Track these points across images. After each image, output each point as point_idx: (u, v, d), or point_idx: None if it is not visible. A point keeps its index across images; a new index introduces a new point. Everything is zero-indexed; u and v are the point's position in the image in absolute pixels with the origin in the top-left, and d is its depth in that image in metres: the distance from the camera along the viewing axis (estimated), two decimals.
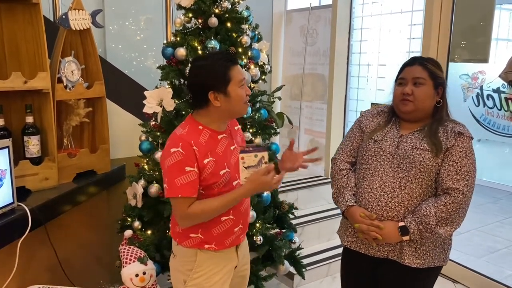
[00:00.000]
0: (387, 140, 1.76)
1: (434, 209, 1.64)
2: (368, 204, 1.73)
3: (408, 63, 1.79)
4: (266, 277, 2.61)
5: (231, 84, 1.60)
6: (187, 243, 1.71)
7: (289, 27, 4.88)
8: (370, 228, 1.70)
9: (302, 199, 3.84)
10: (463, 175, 1.65)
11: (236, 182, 1.70)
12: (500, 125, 4.36)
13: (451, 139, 1.68)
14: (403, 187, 1.69)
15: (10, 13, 2.20)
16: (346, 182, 1.84)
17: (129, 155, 2.87)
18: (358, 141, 1.88)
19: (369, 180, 1.75)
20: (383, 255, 1.76)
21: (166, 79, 2.46)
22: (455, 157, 1.66)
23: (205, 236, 1.68)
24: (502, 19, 4.45)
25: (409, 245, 1.70)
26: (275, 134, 2.67)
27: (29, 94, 2.26)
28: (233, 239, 1.73)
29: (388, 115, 1.85)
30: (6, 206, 1.93)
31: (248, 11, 2.53)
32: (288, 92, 4.87)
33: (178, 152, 1.56)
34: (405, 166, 1.69)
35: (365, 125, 1.87)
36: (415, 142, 1.71)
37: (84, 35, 2.52)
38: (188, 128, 1.64)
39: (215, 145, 1.65)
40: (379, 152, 1.75)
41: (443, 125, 1.73)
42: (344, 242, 1.88)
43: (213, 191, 1.64)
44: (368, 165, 1.77)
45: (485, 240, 4.12)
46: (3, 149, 1.92)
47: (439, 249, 1.75)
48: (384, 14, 3.95)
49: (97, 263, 2.71)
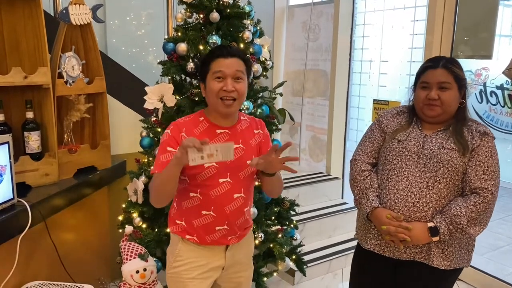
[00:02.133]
0: (411, 140, 1.73)
1: (464, 208, 1.62)
2: (395, 205, 1.70)
3: (431, 66, 1.72)
4: (267, 274, 2.60)
5: (208, 74, 1.61)
6: (173, 228, 1.76)
7: (291, 22, 4.86)
8: (398, 230, 1.66)
9: (303, 195, 3.84)
10: (490, 175, 1.65)
11: (224, 180, 1.65)
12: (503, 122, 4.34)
13: (477, 139, 1.67)
14: (431, 187, 1.66)
15: (10, 8, 2.19)
16: (369, 183, 1.80)
17: (129, 151, 2.86)
18: (379, 141, 1.84)
19: (395, 181, 1.72)
20: (409, 257, 1.73)
21: (167, 74, 2.44)
22: (482, 157, 1.66)
23: (187, 225, 1.71)
24: (506, 16, 4.42)
25: (437, 246, 1.68)
26: (276, 131, 2.65)
27: (29, 90, 2.25)
28: (216, 237, 1.70)
29: (409, 115, 1.81)
30: (6, 202, 1.92)
31: (249, 6, 2.51)
32: (289, 88, 4.85)
33: (167, 133, 1.65)
34: (432, 165, 1.67)
35: (386, 125, 1.83)
36: (441, 142, 1.69)
37: (85, 30, 2.51)
38: (191, 117, 1.70)
39: (209, 138, 1.59)
40: (404, 152, 1.72)
41: (466, 125, 1.71)
42: (367, 245, 1.82)
43: (196, 181, 1.64)
44: (392, 165, 1.74)
45: (487, 238, 4.12)
46: (3, 144, 1.91)
47: (464, 250, 1.74)
48: (387, 10, 3.92)
49: (98, 259, 2.71)
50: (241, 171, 1.69)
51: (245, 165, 1.68)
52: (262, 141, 1.78)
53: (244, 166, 1.69)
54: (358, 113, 4.24)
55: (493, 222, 4.58)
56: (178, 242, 1.75)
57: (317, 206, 3.90)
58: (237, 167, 1.67)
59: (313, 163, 4.63)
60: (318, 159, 4.60)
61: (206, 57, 1.66)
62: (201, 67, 1.67)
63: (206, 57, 1.66)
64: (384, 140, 1.82)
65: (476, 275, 3.18)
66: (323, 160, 4.45)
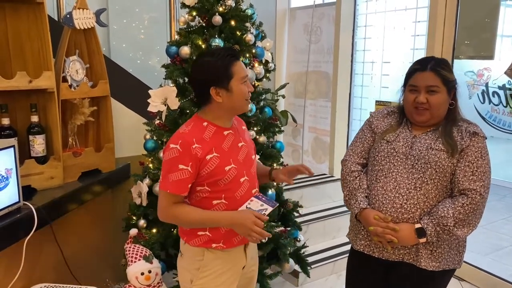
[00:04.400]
0: (400, 140, 1.72)
1: (452, 210, 1.61)
2: (383, 206, 1.69)
3: (419, 69, 1.70)
4: (271, 275, 2.61)
5: (233, 79, 1.60)
6: (194, 241, 1.70)
7: (293, 24, 4.87)
8: (385, 231, 1.64)
9: (307, 197, 3.84)
10: (479, 176, 1.62)
11: (244, 179, 1.68)
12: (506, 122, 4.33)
13: (466, 139, 1.65)
14: (419, 188, 1.65)
15: (15, 13, 2.21)
16: (358, 184, 1.79)
17: (134, 153, 2.88)
18: (369, 142, 1.84)
19: (383, 182, 1.71)
20: (398, 258, 1.72)
21: (170, 77, 2.46)
22: (471, 158, 1.64)
23: (212, 233, 1.68)
24: (507, 16, 4.43)
25: (425, 247, 1.67)
26: (279, 132, 2.66)
27: (34, 93, 2.27)
28: (241, 237, 1.70)
29: (399, 115, 1.81)
30: (12, 205, 1.93)
31: (252, 9, 2.53)
32: (292, 90, 4.86)
33: (176, 149, 1.58)
34: (420, 166, 1.65)
35: (376, 125, 1.83)
36: (429, 143, 1.68)
37: (89, 34, 2.53)
38: (192, 125, 1.65)
39: (221, 140, 1.65)
40: (392, 153, 1.71)
41: (457, 125, 1.70)
42: (357, 246, 1.81)
43: (219, 187, 1.64)
44: (381, 166, 1.73)
45: (491, 238, 4.11)
46: (8, 148, 1.92)
47: (454, 252, 1.73)
48: (388, 11, 3.93)
49: (103, 262, 2.72)
50: (252, 167, 1.75)
51: (252, 160, 1.76)
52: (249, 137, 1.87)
53: (252, 161, 1.76)
54: (360, 114, 4.25)
55: (497, 223, 4.58)
56: (203, 254, 1.71)
57: (321, 207, 3.90)
58: (249, 163, 1.73)
59: (315, 165, 4.64)
60: (321, 160, 4.61)
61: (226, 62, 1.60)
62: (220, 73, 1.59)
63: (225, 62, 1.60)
64: (374, 140, 1.82)
65: (480, 275, 3.17)
66: (325, 161, 4.46)
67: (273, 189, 2.49)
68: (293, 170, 1.84)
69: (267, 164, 2.49)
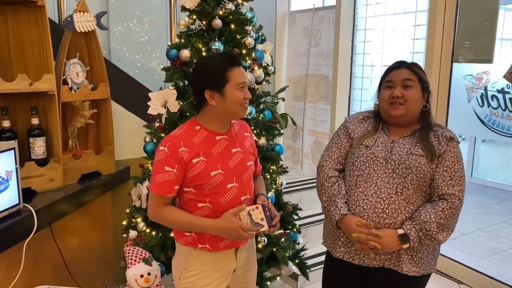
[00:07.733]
0: (378, 145, 1.72)
1: (434, 215, 1.61)
2: (364, 212, 1.66)
3: (394, 67, 1.77)
4: (271, 278, 2.61)
5: (228, 84, 1.61)
6: (182, 240, 1.74)
7: (293, 28, 4.88)
8: (368, 237, 1.62)
9: (306, 200, 3.85)
10: (457, 181, 1.64)
11: (232, 185, 1.67)
12: (505, 126, 4.34)
13: (443, 144, 1.67)
14: (400, 193, 1.64)
15: (16, 16, 2.22)
16: (337, 190, 1.75)
17: (133, 156, 2.88)
18: (345, 147, 1.82)
19: (363, 187, 1.68)
20: (379, 264, 1.70)
21: (171, 80, 2.46)
22: (448, 163, 1.65)
23: (198, 235, 1.70)
24: (507, 19, 4.44)
25: (407, 252, 1.67)
26: (279, 135, 2.67)
27: (34, 96, 2.28)
28: (228, 242, 1.71)
29: (375, 120, 1.81)
30: (12, 207, 1.94)
31: (252, 13, 2.54)
32: (291, 93, 4.87)
33: (164, 151, 1.62)
34: (401, 171, 1.65)
35: (353, 130, 1.82)
36: (408, 148, 1.68)
37: (89, 37, 2.54)
38: (185, 128, 1.68)
39: (211, 145, 1.66)
40: (372, 158, 1.70)
41: (432, 130, 1.71)
42: (336, 253, 1.78)
43: (204, 191, 1.65)
44: (360, 171, 1.71)
45: (490, 241, 4.10)
46: (9, 150, 1.93)
47: (431, 256, 1.73)
48: (387, 15, 3.95)
49: (102, 264, 2.72)
50: (244, 174, 1.73)
51: (246, 167, 1.74)
52: (252, 143, 1.85)
53: (246, 168, 1.74)
54: None
55: (496, 226, 4.59)
56: (190, 253, 1.73)
57: (320, 210, 3.87)
58: (241, 170, 1.71)
59: (315, 168, 4.64)
60: None
61: (222, 67, 1.62)
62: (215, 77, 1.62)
63: (222, 66, 1.62)
64: (351, 145, 1.80)
65: (479, 278, 3.17)
66: None
67: (272, 192, 2.49)
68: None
69: (267, 166, 2.50)
